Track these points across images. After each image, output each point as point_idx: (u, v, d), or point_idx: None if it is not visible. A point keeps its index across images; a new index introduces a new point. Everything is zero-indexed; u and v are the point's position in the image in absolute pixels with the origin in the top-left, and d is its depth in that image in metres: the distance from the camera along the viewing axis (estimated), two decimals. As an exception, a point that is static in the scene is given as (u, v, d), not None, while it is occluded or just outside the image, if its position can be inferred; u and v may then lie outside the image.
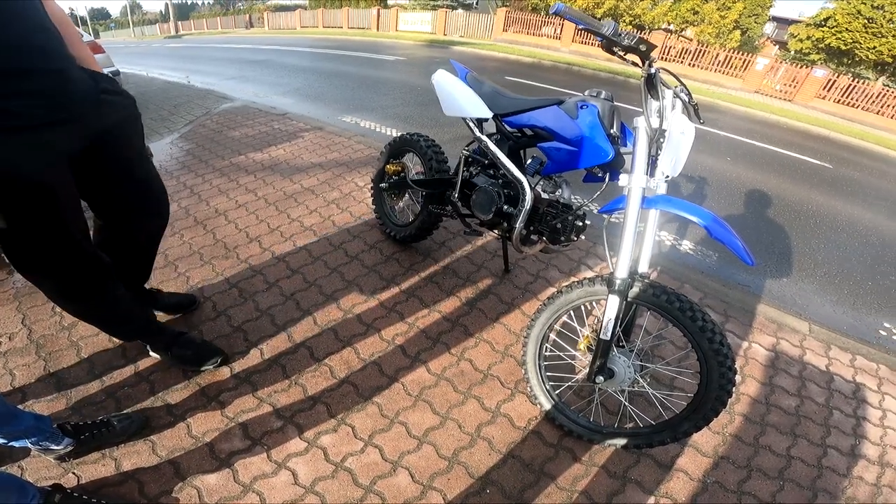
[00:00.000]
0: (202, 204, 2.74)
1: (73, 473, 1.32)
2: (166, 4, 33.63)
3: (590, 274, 2.45)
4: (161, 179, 1.49)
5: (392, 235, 2.43)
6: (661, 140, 1.25)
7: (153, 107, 5.06)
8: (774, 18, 24.54)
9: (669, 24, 16.75)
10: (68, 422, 1.33)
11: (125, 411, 1.49)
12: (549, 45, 16.35)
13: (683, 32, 16.83)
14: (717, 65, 14.10)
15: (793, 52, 18.35)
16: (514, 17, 17.48)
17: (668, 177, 1.29)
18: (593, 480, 1.45)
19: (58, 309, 1.87)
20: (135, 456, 1.39)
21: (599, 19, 1.22)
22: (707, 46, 14.46)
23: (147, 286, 1.78)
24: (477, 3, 26.71)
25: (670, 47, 14.95)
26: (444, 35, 18.57)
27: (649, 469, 1.51)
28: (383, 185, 2.21)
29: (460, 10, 21.29)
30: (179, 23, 34.12)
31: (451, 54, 13.45)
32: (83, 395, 1.56)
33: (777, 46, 25.05)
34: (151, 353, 1.66)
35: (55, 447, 1.26)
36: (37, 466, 1.33)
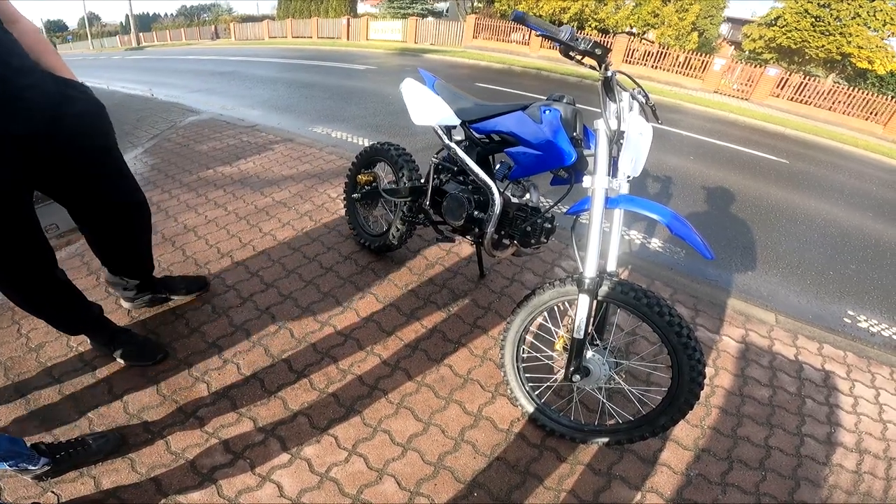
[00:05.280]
0: (170, 221, 2.67)
1: (52, 492, 1.29)
2: (127, 16, 32.67)
3: (563, 275, 2.50)
4: (132, 176, 1.66)
5: (366, 245, 2.42)
6: (621, 141, 1.29)
7: (114, 121, 4.86)
8: (729, 19, 25.26)
9: (632, 28, 17.25)
10: (42, 441, 1.30)
11: (100, 430, 1.45)
12: (519, 51, 16.61)
13: (646, 35, 17.36)
14: (678, 66, 14.57)
15: (747, 52, 19.10)
16: (483, 24, 17.70)
17: (629, 177, 1.33)
18: (579, 479, 1.48)
19: (24, 330, 1.81)
20: (114, 474, 1.35)
21: (561, 24, 1.26)
22: (668, 48, 14.92)
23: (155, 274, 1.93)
24: (447, 11, 26.94)
25: (634, 50, 15.39)
26: (415, 43, 18.64)
27: (633, 465, 1.54)
28: (356, 195, 2.20)
29: (430, 18, 21.39)
30: (141, 34, 33.11)
31: (422, 62, 13.51)
32: (55, 415, 1.51)
33: (733, 47, 25.94)
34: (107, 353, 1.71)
35: (32, 467, 1.23)
36: (14, 486, 1.30)
